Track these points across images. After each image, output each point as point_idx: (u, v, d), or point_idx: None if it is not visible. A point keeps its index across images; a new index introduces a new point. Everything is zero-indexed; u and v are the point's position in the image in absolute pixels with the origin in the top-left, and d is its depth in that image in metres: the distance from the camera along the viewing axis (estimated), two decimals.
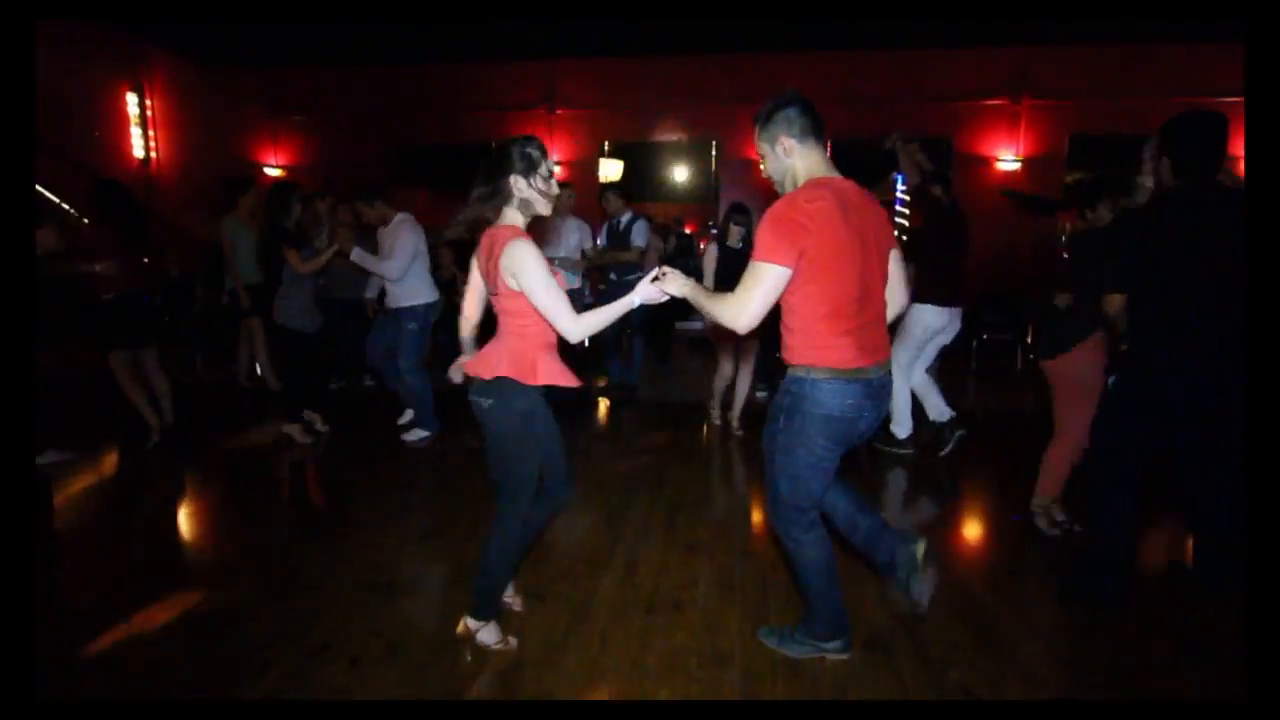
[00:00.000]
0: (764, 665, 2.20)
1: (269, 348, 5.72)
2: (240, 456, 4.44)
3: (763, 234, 1.86)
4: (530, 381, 2.09)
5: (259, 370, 5.99)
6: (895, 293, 2.10)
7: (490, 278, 2.09)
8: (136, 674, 2.15)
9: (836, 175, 1.96)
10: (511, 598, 2.49)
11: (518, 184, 2.07)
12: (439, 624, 2.41)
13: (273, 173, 9.17)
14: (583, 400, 5.83)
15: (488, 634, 2.28)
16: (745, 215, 4.67)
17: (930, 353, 4.40)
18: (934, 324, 4.12)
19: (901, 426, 4.33)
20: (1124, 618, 2.48)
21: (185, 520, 3.48)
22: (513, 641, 2.31)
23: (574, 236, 5.61)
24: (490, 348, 2.15)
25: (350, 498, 3.68)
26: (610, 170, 8.67)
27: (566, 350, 2.31)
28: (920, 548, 2.09)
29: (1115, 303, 2.42)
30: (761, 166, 2.04)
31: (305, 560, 2.94)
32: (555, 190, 2.15)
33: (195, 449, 4.44)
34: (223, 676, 2.14)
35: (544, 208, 2.13)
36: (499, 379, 2.08)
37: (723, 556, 2.97)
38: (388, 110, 8.88)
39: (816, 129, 1.94)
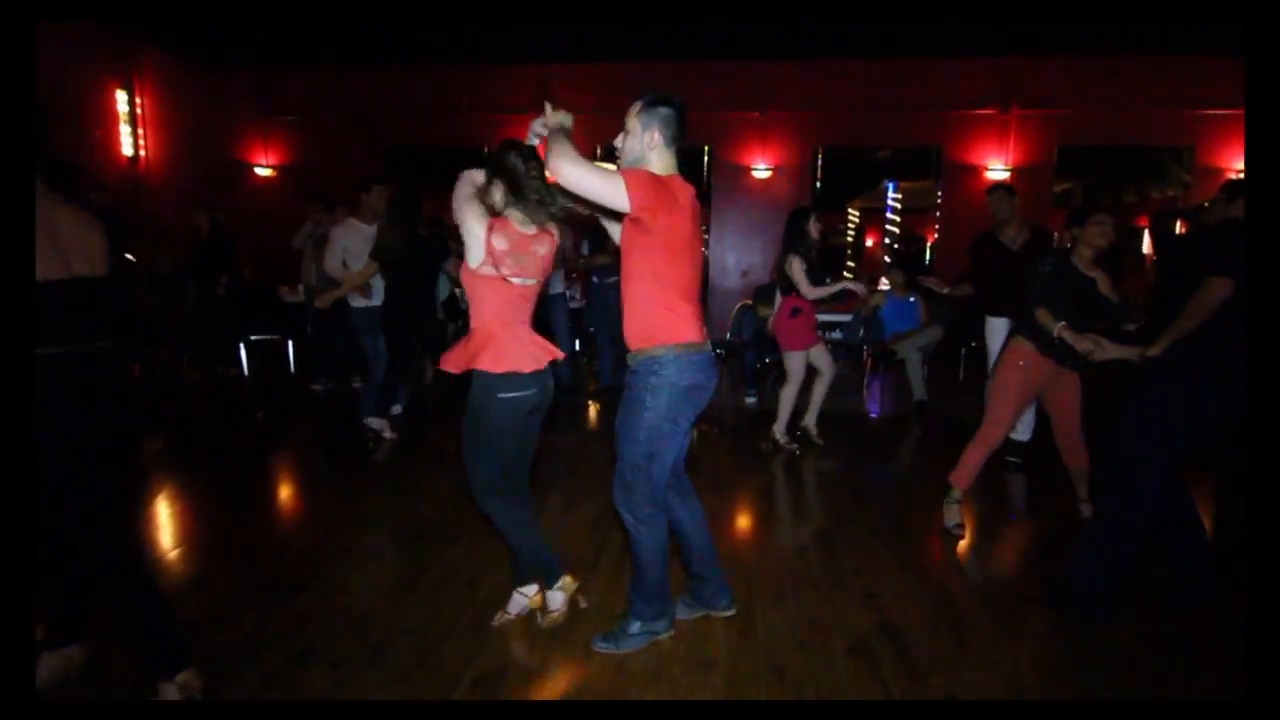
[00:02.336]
0: (748, 671, 2.20)
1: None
2: (225, 457, 4.40)
3: (641, 177, 1.93)
4: (472, 367, 2.18)
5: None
6: None
7: None
8: (116, 674, 2.12)
9: (679, 177, 2.10)
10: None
11: (496, 189, 2.16)
12: (422, 629, 2.40)
13: (263, 173, 9.12)
14: (573, 403, 5.83)
15: (553, 598, 2.44)
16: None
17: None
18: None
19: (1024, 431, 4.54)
20: (1109, 624, 2.49)
21: (168, 521, 3.45)
22: (586, 601, 2.52)
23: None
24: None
25: (334, 501, 3.66)
26: None
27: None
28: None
29: (1220, 286, 2.28)
30: (619, 139, 2.11)
31: (287, 563, 2.91)
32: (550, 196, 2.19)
33: (179, 449, 4.40)
34: (202, 680, 2.11)
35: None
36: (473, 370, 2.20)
37: None
38: (381, 111, 8.85)
39: (680, 139, 2.09)
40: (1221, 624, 2.52)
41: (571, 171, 1.90)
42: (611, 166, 1.98)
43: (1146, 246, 8.32)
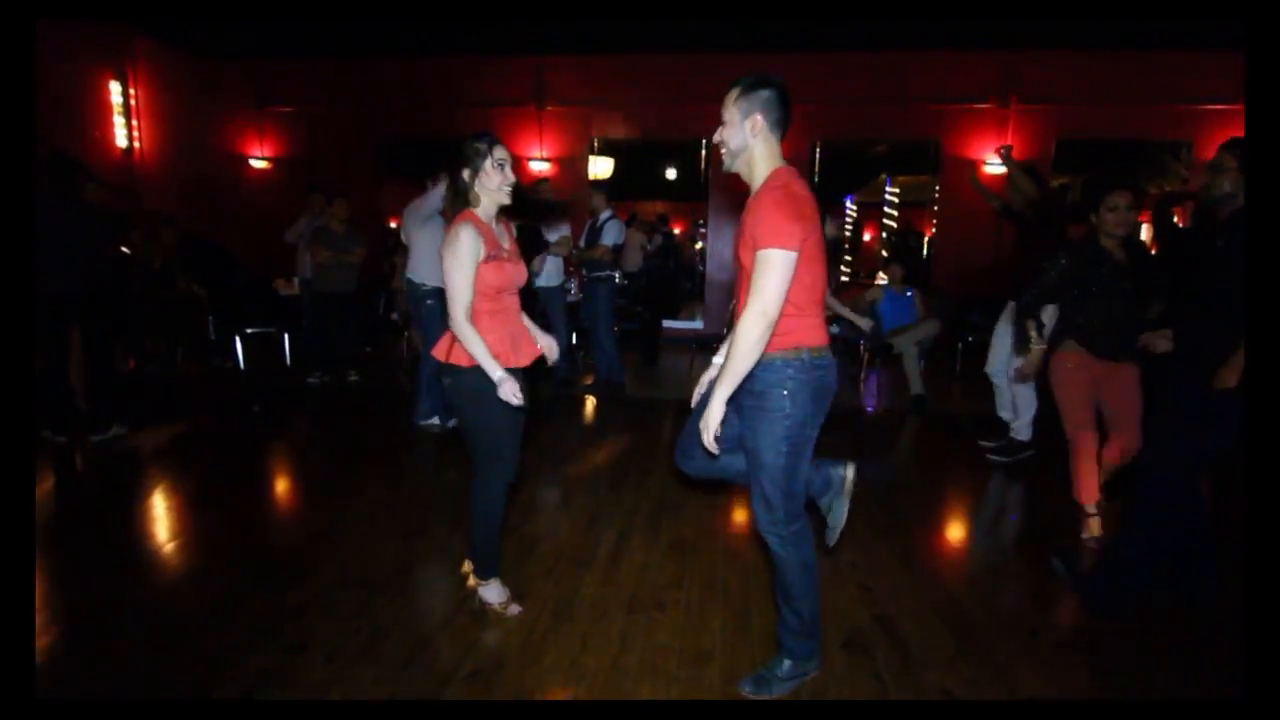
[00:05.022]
0: (744, 665, 2.20)
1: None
2: (220, 450, 4.39)
3: (771, 218, 1.76)
4: (462, 363, 2.20)
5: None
6: None
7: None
8: (108, 672, 2.11)
9: (792, 170, 1.93)
10: (504, 602, 2.48)
11: (465, 176, 2.23)
12: (417, 622, 2.39)
13: (258, 165, 9.07)
14: (569, 398, 5.82)
15: (489, 592, 2.47)
16: None
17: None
18: None
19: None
20: (1110, 620, 2.49)
21: (164, 514, 3.44)
22: (514, 609, 2.44)
23: (553, 231, 5.68)
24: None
25: (330, 494, 3.65)
26: (600, 168, 8.62)
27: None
28: (850, 471, 2.17)
29: None
30: (719, 134, 1.93)
31: (283, 557, 2.91)
32: (509, 177, 2.25)
33: (170, 441, 4.38)
34: (197, 674, 2.10)
35: (500, 195, 2.25)
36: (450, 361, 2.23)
37: (706, 556, 2.97)
38: (376, 104, 8.79)
39: (785, 123, 1.92)
40: (1221, 624, 2.51)
41: (775, 304, 1.77)
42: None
43: (1144, 236, 8.31)
